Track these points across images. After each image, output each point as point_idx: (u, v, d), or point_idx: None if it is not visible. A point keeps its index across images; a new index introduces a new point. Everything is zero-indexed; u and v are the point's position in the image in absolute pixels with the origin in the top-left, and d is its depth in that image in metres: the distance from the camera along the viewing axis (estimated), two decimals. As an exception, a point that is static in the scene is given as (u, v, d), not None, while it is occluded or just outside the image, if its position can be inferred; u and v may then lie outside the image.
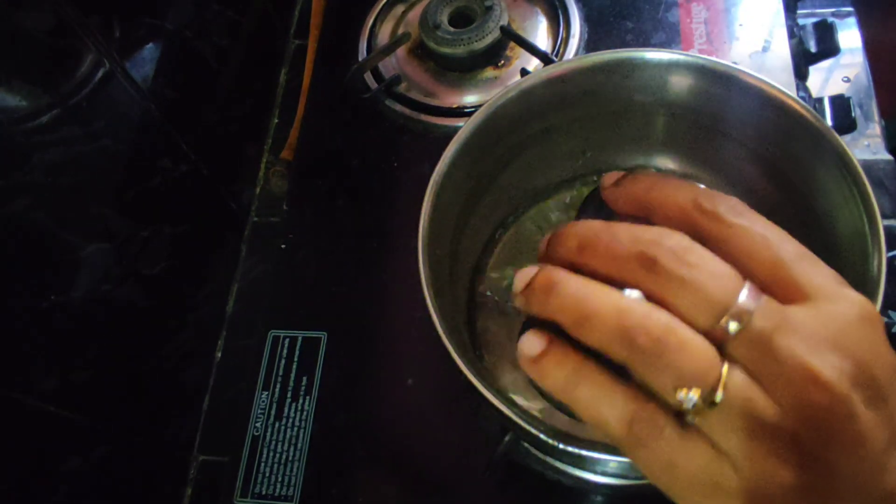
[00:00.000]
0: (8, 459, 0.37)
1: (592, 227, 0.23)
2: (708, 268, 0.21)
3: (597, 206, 0.28)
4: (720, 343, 0.20)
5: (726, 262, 0.21)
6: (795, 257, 0.21)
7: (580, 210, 0.30)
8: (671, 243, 0.21)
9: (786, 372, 0.19)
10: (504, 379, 0.42)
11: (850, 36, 0.57)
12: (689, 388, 0.20)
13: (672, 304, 0.21)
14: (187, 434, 0.53)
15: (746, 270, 0.21)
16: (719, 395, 0.20)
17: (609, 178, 0.26)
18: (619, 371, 0.22)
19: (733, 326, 0.20)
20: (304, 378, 0.47)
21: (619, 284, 0.22)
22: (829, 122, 0.48)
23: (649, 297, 0.21)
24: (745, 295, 0.20)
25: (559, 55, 0.55)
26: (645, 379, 0.21)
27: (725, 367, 0.20)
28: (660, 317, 0.20)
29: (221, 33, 0.56)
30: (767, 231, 0.22)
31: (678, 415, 0.20)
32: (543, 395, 0.39)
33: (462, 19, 0.56)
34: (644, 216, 0.25)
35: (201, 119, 0.55)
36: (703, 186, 0.24)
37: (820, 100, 0.50)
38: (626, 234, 0.22)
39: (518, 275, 0.24)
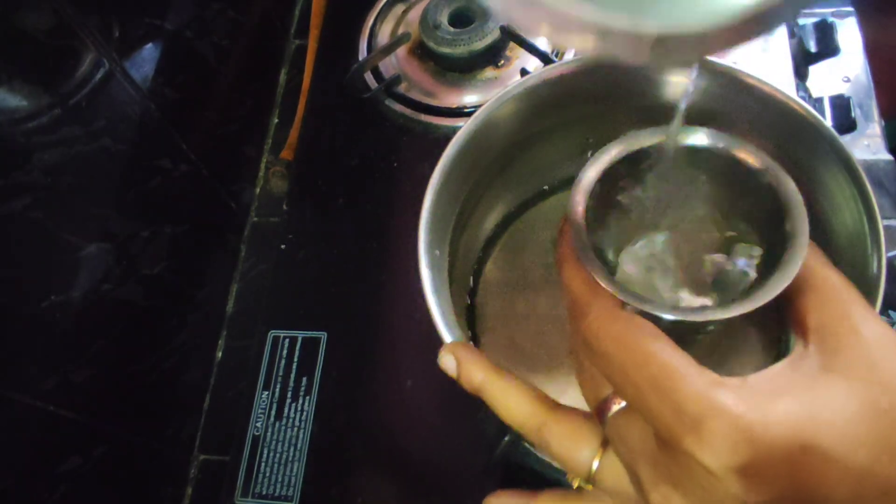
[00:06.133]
0: (8, 459, 0.37)
1: None
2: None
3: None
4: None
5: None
6: (636, 399, 0.21)
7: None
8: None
9: (630, 473, 0.23)
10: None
11: (850, 36, 0.57)
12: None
13: None
14: (188, 434, 0.53)
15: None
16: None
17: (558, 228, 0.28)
18: None
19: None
20: (304, 378, 0.47)
21: None
22: (829, 122, 0.48)
23: None
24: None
25: (559, 55, 0.55)
26: None
27: (600, 453, 0.25)
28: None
29: (221, 33, 0.56)
30: (613, 370, 0.22)
31: None
32: None
33: (462, 19, 0.56)
34: None
35: (201, 119, 0.55)
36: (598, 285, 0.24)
37: (820, 100, 0.50)
38: None
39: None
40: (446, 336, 0.31)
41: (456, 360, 0.29)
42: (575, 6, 0.17)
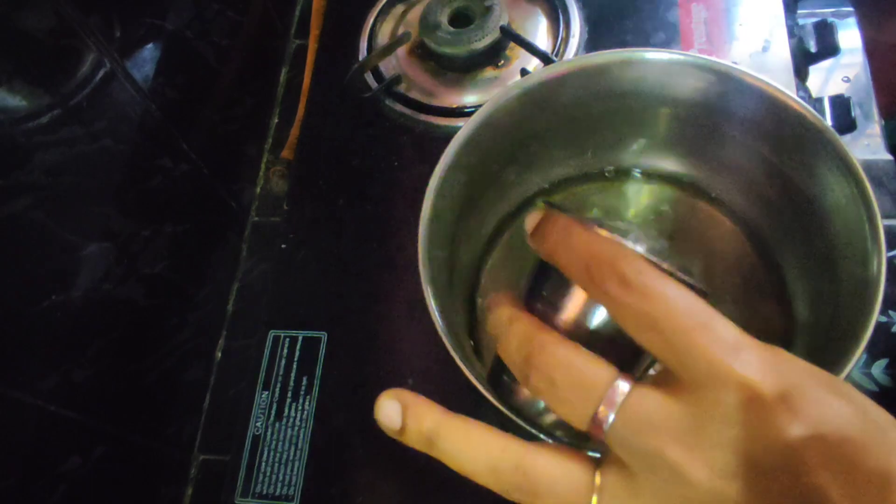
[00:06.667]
0: (8, 459, 0.37)
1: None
2: (569, 378, 0.22)
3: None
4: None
5: (594, 359, 0.22)
6: (678, 333, 0.20)
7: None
8: (538, 356, 0.22)
9: (657, 471, 0.20)
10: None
11: (850, 36, 0.57)
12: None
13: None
14: (188, 433, 0.53)
15: (638, 346, 0.21)
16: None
17: (530, 221, 0.25)
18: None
19: (610, 418, 0.21)
20: (304, 378, 0.47)
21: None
22: (829, 122, 0.48)
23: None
24: (609, 395, 0.21)
25: (559, 55, 0.55)
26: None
27: (598, 477, 0.22)
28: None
29: (222, 33, 0.56)
30: (655, 304, 0.21)
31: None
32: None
33: (462, 19, 0.56)
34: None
35: (201, 119, 0.55)
36: (609, 236, 0.23)
37: (820, 100, 0.50)
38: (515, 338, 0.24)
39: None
40: (445, 336, 0.31)
41: (401, 405, 0.25)
42: None
